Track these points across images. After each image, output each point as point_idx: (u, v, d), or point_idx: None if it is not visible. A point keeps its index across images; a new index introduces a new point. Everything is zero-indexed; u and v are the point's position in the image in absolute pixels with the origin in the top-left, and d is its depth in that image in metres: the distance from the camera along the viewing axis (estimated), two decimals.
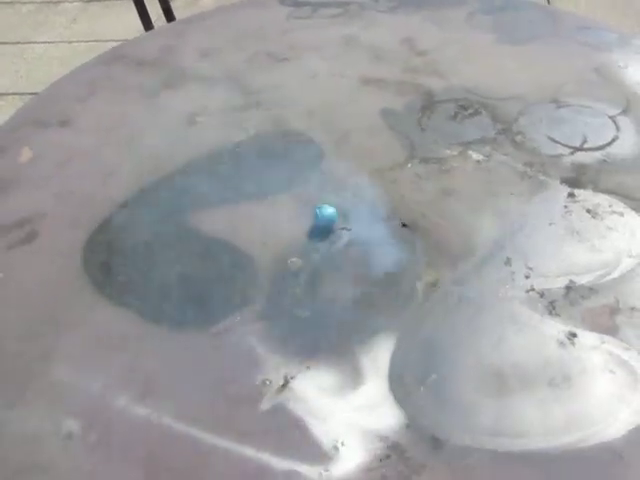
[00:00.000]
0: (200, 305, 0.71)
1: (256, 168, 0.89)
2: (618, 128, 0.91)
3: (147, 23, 1.46)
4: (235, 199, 0.85)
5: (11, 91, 2.80)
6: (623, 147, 0.88)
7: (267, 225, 0.80)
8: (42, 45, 3.09)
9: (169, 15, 1.50)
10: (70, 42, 3.09)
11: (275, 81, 1.06)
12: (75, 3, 3.44)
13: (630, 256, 0.73)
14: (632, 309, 0.68)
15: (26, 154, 0.95)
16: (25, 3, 3.50)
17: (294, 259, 0.76)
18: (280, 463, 0.57)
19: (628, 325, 0.67)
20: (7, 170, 0.91)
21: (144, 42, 1.15)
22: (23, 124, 1.00)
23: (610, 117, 0.93)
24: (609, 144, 0.89)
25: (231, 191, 0.86)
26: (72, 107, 1.03)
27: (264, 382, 0.63)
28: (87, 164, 0.92)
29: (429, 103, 0.98)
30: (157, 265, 0.76)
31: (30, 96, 2.77)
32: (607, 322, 0.67)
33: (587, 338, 0.66)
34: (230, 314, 0.70)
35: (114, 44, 1.32)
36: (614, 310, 0.68)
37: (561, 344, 0.65)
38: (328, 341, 0.67)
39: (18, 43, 3.13)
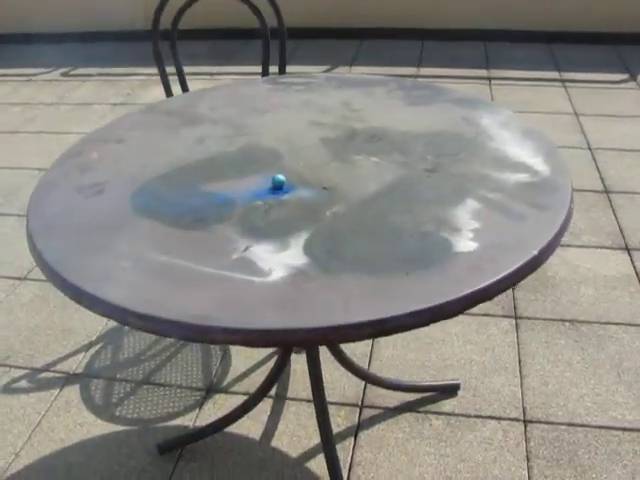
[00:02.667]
0: (202, 221, 1.23)
1: (241, 164, 1.44)
2: (467, 145, 1.47)
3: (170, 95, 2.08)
4: (228, 177, 1.39)
5: (46, 167, 3.41)
6: (461, 151, 1.44)
7: (248, 187, 1.34)
8: (75, 135, 3.76)
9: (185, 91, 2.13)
10: None
11: (257, 123, 1.64)
12: (104, 105, 4.16)
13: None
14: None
15: (94, 155, 1.50)
16: (63, 104, 4.22)
17: (259, 202, 1.29)
18: (240, 276, 1.07)
19: None
20: (83, 163, 1.46)
21: (170, 102, 1.74)
22: (91, 141, 1.56)
23: (465, 140, 1.50)
24: (460, 152, 1.44)
25: (227, 174, 1.40)
26: (123, 133, 1.59)
27: (234, 248, 1.14)
28: (134, 161, 1.47)
29: (352, 134, 1.55)
30: (178, 203, 1.29)
31: None
32: None
33: None
34: (219, 224, 1.22)
35: None
36: None
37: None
38: (273, 234, 1.18)
39: (56, 133, 3.80)
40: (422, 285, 1.04)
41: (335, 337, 0.97)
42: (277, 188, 1.33)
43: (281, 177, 1.33)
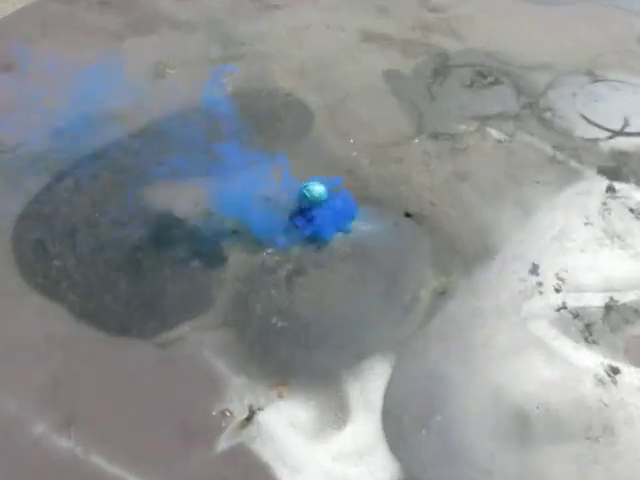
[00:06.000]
0: (149, 309, 0.57)
1: (232, 134, 0.74)
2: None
3: None
4: (201, 173, 0.70)
5: None
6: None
7: (242, 208, 0.65)
8: None
9: None
10: None
11: (262, 31, 0.90)
12: None
13: None
14: None
15: None
16: None
17: (270, 250, 0.62)
18: None
19: None
20: None
21: None
22: None
23: None
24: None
25: (197, 163, 0.71)
26: (20, 49, 0.86)
27: (224, 413, 0.50)
28: (32, 118, 0.76)
29: (442, 67, 0.83)
30: (101, 248, 0.62)
31: None
32: None
33: (632, 375, 0.52)
34: (183, 321, 0.56)
35: None
36: None
37: (600, 382, 0.52)
38: (308, 360, 0.53)
39: None
40: None
41: None
42: (309, 208, 0.65)
43: (319, 189, 0.65)
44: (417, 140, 0.74)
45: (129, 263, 0.62)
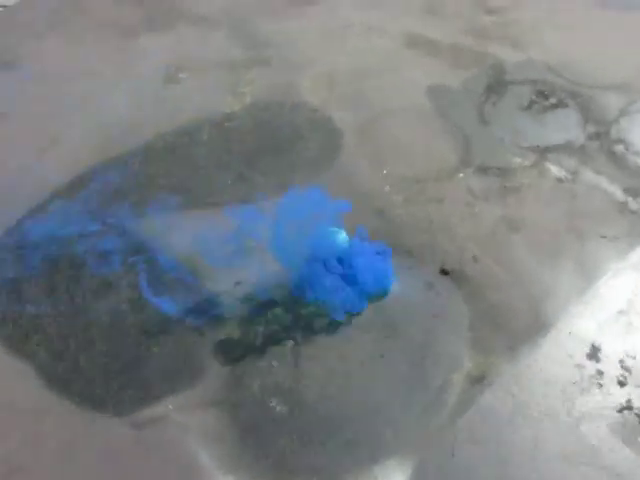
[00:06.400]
0: (129, 377, 0.48)
1: (245, 156, 0.64)
2: None
3: None
4: (208, 204, 0.60)
5: None
6: None
7: (244, 254, 0.56)
8: None
9: None
10: None
11: (292, 31, 0.80)
12: None
13: None
14: None
15: None
16: None
17: (276, 311, 0.52)
18: None
19: None
20: None
21: None
22: None
23: None
24: None
25: (205, 193, 0.61)
26: (23, 43, 0.78)
27: None
28: (26, 125, 0.68)
29: (496, 83, 0.72)
30: (82, 295, 0.53)
31: None
32: None
33: None
34: (166, 396, 0.47)
35: None
36: None
37: None
38: (310, 460, 0.43)
39: None
40: None
41: None
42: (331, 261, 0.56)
43: (340, 237, 0.55)
44: (462, 175, 0.63)
45: (112, 315, 0.53)
